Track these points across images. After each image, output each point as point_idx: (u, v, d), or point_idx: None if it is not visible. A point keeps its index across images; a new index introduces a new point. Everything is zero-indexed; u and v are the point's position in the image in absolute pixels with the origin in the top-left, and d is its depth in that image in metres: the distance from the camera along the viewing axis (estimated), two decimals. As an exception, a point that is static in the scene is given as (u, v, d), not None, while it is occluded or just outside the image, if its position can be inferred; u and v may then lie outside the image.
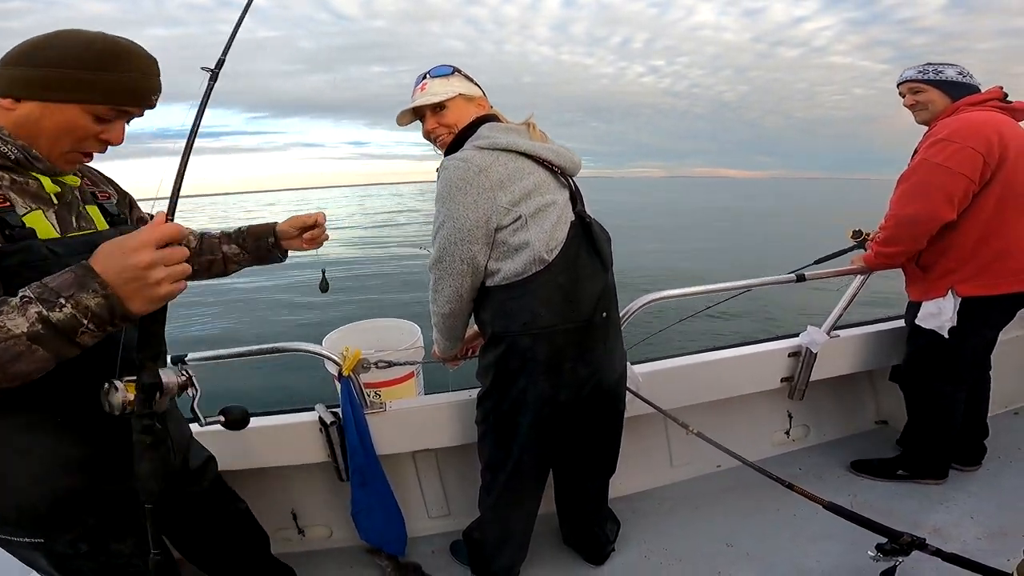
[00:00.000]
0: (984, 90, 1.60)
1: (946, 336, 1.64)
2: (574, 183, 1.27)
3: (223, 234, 1.21)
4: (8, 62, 0.76)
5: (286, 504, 1.74)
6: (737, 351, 1.87)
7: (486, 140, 1.16)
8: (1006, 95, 1.59)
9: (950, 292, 1.63)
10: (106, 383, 0.72)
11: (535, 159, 1.19)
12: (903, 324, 1.86)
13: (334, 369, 1.50)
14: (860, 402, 2.26)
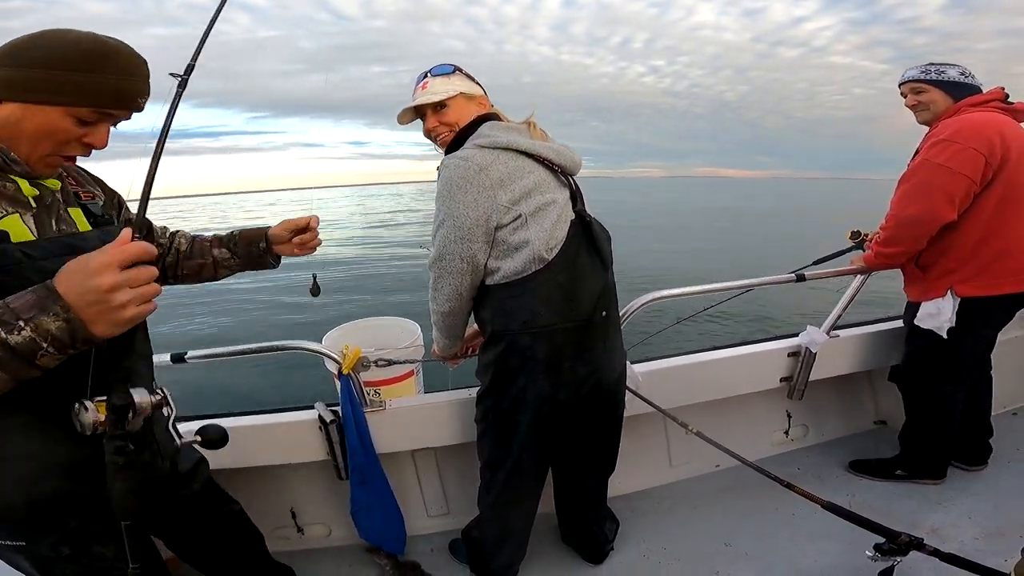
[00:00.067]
0: (986, 91, 1.60)
1: (944, 336, 1.64)
2: (574, 182, 1.27)
3: (215, 237, 1.18)
4: None
5: (285, 502, 1.74)
6: (736, 351, 1.87)
7: (487, 139, 1.16)
8: (1007, 96, 1.59)
9: (949, 292, 1.63)
10: (76, 403, 0.69)
11: (535, 158, 1.18)
12: (902, 324, 1.87)
13: (334, 367, 1.50)
14: (859, 402, 2.26)
